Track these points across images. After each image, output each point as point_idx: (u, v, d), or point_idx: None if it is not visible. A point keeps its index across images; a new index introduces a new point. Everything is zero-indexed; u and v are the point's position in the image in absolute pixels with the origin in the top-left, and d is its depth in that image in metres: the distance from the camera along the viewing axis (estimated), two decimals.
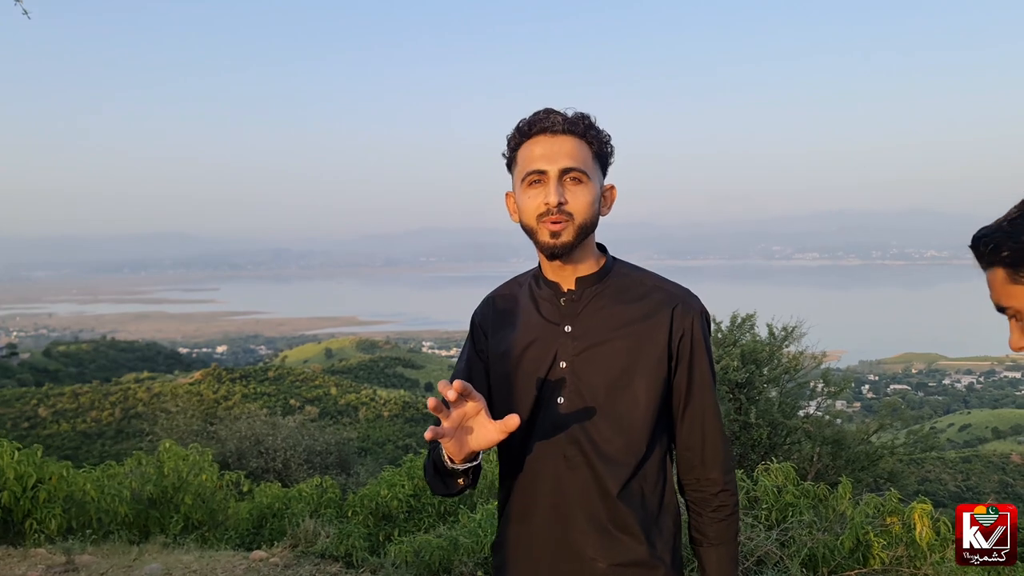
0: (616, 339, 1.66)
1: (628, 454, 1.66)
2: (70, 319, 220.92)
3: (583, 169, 1.64)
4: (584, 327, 1.69)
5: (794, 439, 10.49)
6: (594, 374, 1.66)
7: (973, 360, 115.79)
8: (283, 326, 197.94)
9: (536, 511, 1.70)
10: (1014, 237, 1.23)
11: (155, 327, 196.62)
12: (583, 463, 1.65)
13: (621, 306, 1.69)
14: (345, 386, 65.22)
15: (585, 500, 1.65)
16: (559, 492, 1.67)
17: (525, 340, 1.74)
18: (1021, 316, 1.35)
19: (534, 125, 1.66)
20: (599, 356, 1.66)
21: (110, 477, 6.97)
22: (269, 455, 14.10)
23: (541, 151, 1.64)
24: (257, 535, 7.26)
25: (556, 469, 1.67)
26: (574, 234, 1.64)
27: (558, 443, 1.67)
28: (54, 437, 49.76)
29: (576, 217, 1.63)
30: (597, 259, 1.74)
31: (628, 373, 1.65)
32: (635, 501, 1.66)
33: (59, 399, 56.64)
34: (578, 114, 1.67)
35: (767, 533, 4.24)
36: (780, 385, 10.95)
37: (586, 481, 1.65)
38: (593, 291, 1.71)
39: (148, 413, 50.91)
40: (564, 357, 1.68)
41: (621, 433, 1.65)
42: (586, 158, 1.65)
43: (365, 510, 6.73)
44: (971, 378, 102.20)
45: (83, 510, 6.18)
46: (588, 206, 1.64)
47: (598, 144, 1.67)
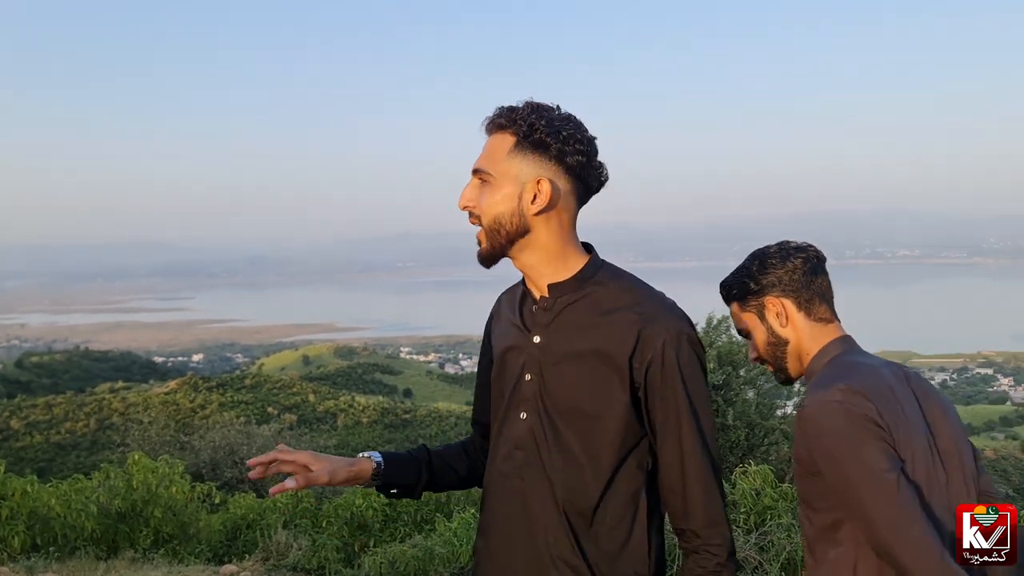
0: (579, 358, 1.53)
1: (584, 483, 1.52)
2: (43, 329, 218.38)
3: (484, 168, 1.53)
4: (551, 339, 1.56)
5: (772, 440, 10.49)
6: (556, 391, 1.54)
7: (946, 357, 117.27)
8: (260, 333, 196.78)
9: (494, 527, 1.63)
10: (737, 277, 1.85)
11: (130, 336, 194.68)
12: (536, 485, 1.55)
13: (593, 319, 1.54)
14: (323, 393, 64.94)
15: (534, 525, 1.55)
16: (511, 512, 1.59)
17: (504, 344, 1.66)
18: (752, 335, 1.84)
19: (483, 127, 1.59)
20: (562, 374, 1.54)
21: (77, 491, 6.84)
22: (243, 465, 13.93)
23: None
24: (230, 548, 7.14)
25: (513, 486, 1.59)
26: (485, 238, 1.55)
27: (515, 460, 1.59)
28: (27, 449, 49.17)
29: (483, 219, 1.54)
30: (577, 262, 1.58)
31: (589, 396, 1.52)
32: (588, 535, 1.52)
33: (32, 411, 55.97)
34: (509, 106, 1.53)
35: (746, 537, 4.20)
36: (757, 386, 10.96)
37: (537, 505, 1.55)
38: (567, 300, 1.56)
39: (122, 424, 50.45)
40: (530, 369, 1.58)
41: (579, 459, 1.52)
42: (496, 153, 1.52)
43: (340, 520, 6.65)
44: (944, 375, 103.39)
45: (48, 526, 6.05)
46: (490, 206, 1.53)
47: (526, 128, 1.49)
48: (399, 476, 1.72)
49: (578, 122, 1.54)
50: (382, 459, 1.71)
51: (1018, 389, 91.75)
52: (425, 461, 1.78)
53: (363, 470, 1.67)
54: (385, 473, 1.70)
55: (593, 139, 1.56)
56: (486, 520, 1.67)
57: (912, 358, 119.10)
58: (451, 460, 1.83)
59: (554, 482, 1.53)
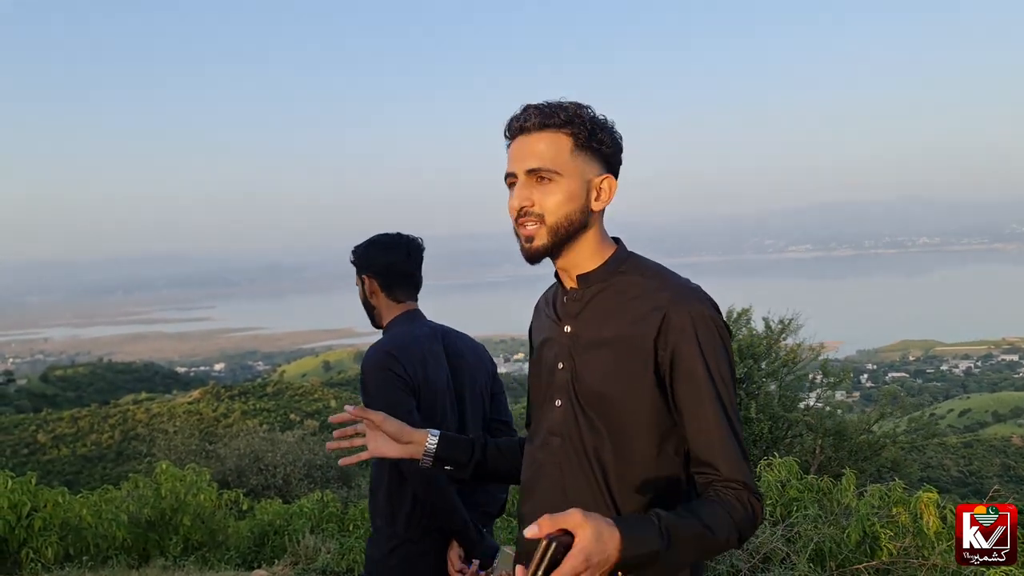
0: (608, 343, 1.58)
1: (625, 463, 1.56)
2: (66, 343, 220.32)
3: (549, 167, 1.55)
4: (581, 328, 1.62)
5: (795, 432, 10.46)
6: (589, 377, 1.59)
7: (970, 345, 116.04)
8: (280, 341, 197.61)
9: (530, 515, 1.63)
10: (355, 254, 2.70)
11: (152, 347, 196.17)
12: (575, 470, 1.59)
13: (621, 307, 1.59)
14: (344, 398, 65.06)
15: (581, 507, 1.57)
16: (555, 499, 1.61)
17: (541, 338, 1.74)
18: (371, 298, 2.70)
19: (511, 126, 1.61)
20: (593, 360, 1.59)
21: (107, 501, 6.92)
22: (269, 471, 14.04)
23: (514, 153, 1.60)
24: (258, 553, 7.19)
25: (553, 474, 1.63)
26: (548, 236, 1.57)
27: (554, 448, 1.63)
28: (54, 463, 49.60)
29: (548, 217, 1.56)
30: (604, 254, 1.64)
31: (621, 379, 1.56)
32: (632, 507, 1.56)
33: (58, 424, 56.45)
34: (556, 105, 1.57)
35: (772, 529, 4.20)
36: (779, 378, 10.92)
37: (582, 489, 1.58)
38: (596, 289, 1.63)
39: (147, 434, 50.84)
40: (562, 358, 1.64)
41: (617, 441, 1.57)
42: (558, 153, 1.56)
43: (367, 523, 6.67)
44: (969, 363, 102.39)
45: (80, 536, 6.12)
46: (559, 205, 1.55)
47: (585, 133, 1.56)
48: (451, 451, 1.82)
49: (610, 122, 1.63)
50: (439, 433, 1.82)
51: None
52: (481, 444, 1.89)
53: (418, 439, 1.80)
54: (439, 446, 1.80)
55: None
56: (524, 508, 1.70)
57: (936, 346, 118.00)
58: (507, 450, 1.91)
59: (592, 466, 1.57)
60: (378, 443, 1.78)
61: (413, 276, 2.68)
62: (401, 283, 2.65)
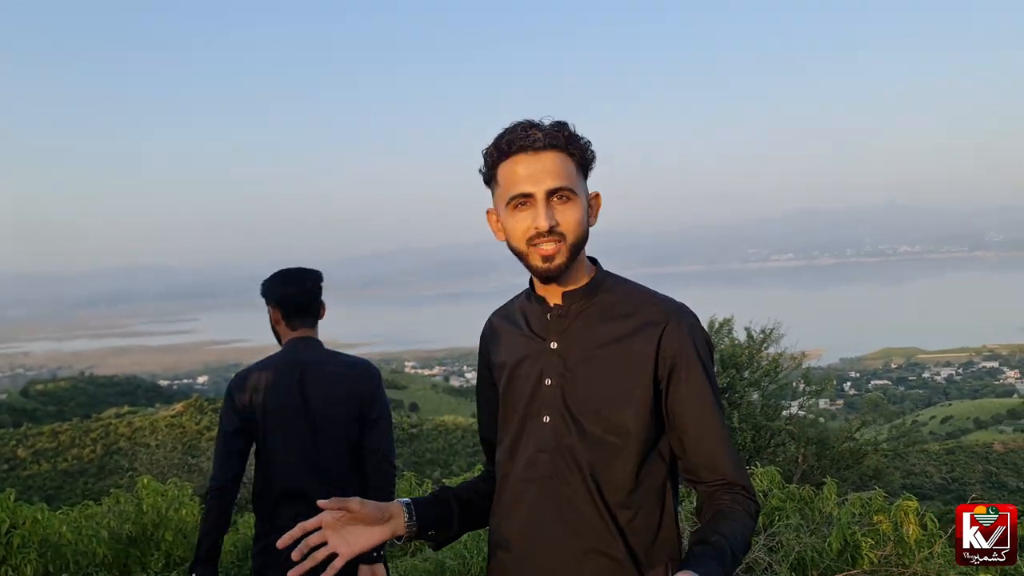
0: (602, 357, 1.59)
1: (616, 477, 1.57)
2: (46, 357, 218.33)
3: (570, 187, 1.56)
4: (569, 343, 1.62)
5: (778, 441, 10.49)
6: (580, 392, 1.59)
7: (951, 352, 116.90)
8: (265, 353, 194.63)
9: (521, 536, 1.64)
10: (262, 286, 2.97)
11: (134, 361, 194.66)
12: (567, 485, 1.58)
13: (609, 322, 1.61)
14: None
15: (572, 522, 1.58)
16: (543, 514, 1.60)
17: (516, 356, 1.70)
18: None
19: (513, 143, 1.56)
20: (584, 374, 1.59)
21: (87, 517, 6.83)
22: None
23: (525, 171, 1.55)
24: (241, 568, 7.13)
25: (543, 489, 1.61)
26: (567, 255, 1.57)
27: (541, 463, 1.62)
28: (35, 478, 49.04)
29: (568, 236, 1.56)
30: (587, 272, 1.67)
31: (615, 392, 1.58)
32: (624, 528, 1.57)
33: (38, 439, 55.81)
34: (556, 125, 1.57)
35: (754, 539, 4.21)
36: (761, 388, 10.96)
37: (571, 504, 1.58)
38: (580, 306, 1.63)
39: (129, 448, 50.34)
40: (549, 374, 1.62)
41: (608, 454, 1.57)
42: (570, 172, 1.57)
43: None
44: (950, 370, 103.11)
45: (59, 553, 6.03)
46: (579, 224, 1.57)
47: (580, 154, 1.59)
48: (430, 514, 1.69)
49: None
50: (408, 502, 1.67)
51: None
52: (452, 496, 1.78)
53: (396, 511, 1.63)
54: (418, 516, 1.65)
55: None
56: (507, 531, 1.67)
57: (917, 354, 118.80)
58: (477, 489, 1.84)
59: (587, 479, 1.57)
60: (350, 541, 1.55)
61: (309, 307, 2.95)
62: (297, 313, 2.93)
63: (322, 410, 2.79)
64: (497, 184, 1.62)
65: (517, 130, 1.57)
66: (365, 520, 1.57)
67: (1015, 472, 41.18)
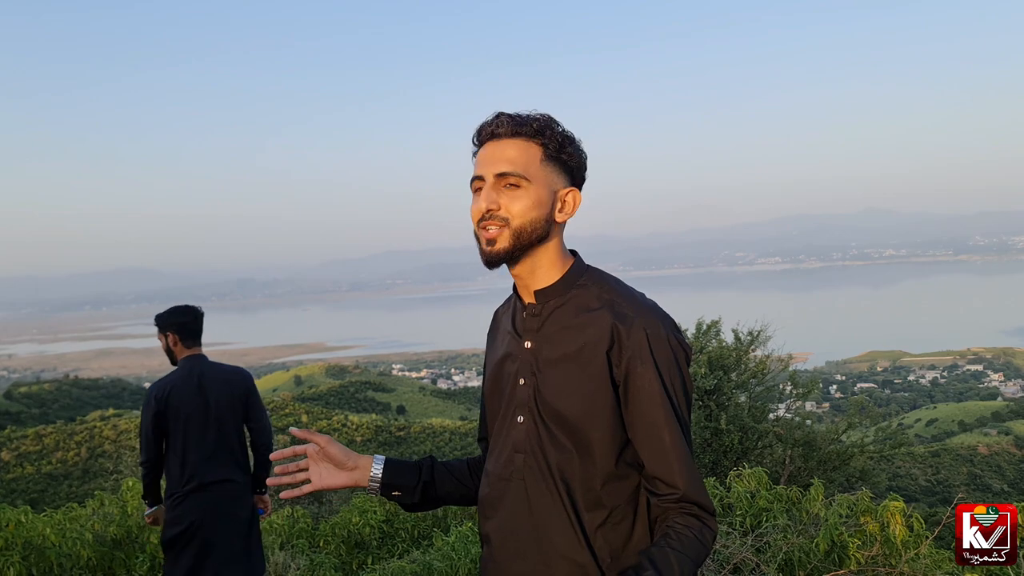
0: (567, 359, 1.57)
1: (582, 481, 1.56)
2: (30, 359, 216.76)
3: (519, 173, 1.55)
4: (541, 344, 1.61)
5: (765, 443, 10.50)
6: (549, 394, 1.58)
7: (936, 355, 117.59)
8: (250, 356, 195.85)
9: (497, 532, 1.65)
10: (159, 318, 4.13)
11: (119, 364, 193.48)
12: (539, 486, 1.58)
13: (575, 322, 1.59)
14: (316, 413, 64.59)
15: (540, 526, 1.58)
16: (515, 514, 1.61)
17: (499, 354, 1.70)
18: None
19: (483, 131, 1.60)
20: (553, 376, 1.58)
21: (72, 520, 6.77)
22: None
23: (484, 157, 1.58)
24: None
25: (518, 491, 1.61)
26: (510, 239, 1.55)
27: (516, 463, 1.62)
28: (19, 481, 48.67)
29: (512, 221, 1.54)
30: (562, 268, 1.64)
31: (581, 395, 1.55)
32: (594, 532, 1.56)
33: (22, 442, 55.43)
34: (528, 115, 1.58)
35: (742, 539, 4.21)
36: (749, 390, 10.98)
37: (541, 506, 1.58)
38: (554, 304, 1.62)
39: (115, 451, 50.02)
40: (523, 374, 1.62)
41: (574, 458, 1.56)
42: (530, 161, 1.56)
43: (337, 539, 6.61)
44: (935, 373, 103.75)
45: (43, 556, 5.97)
46: (525, 210, 1.55)
47: (554, 145, 1.57)
48: (396, 477, 1.78)
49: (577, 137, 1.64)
50: (383, 459, 1.80)
51: (1009, 384, 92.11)
52: (427, 466, 1.84)
53: (363, 464, 1.77)
54: (384, 472, 1.77)
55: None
56: (488, 527, 1.69)
57: (903, 357, 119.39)
58: (455, 470, 1.87)
59: (556, 482, 1.56)
60: (322, 475, 1.74)
61: (198, 331, 4.09)
62: (191, 336, 4.06)
63: (218, 407, 3.95)
64: None
65: (488, 119, 1.60)
66: (333, 460, 1.74)
67: (999, 474, 41.48)
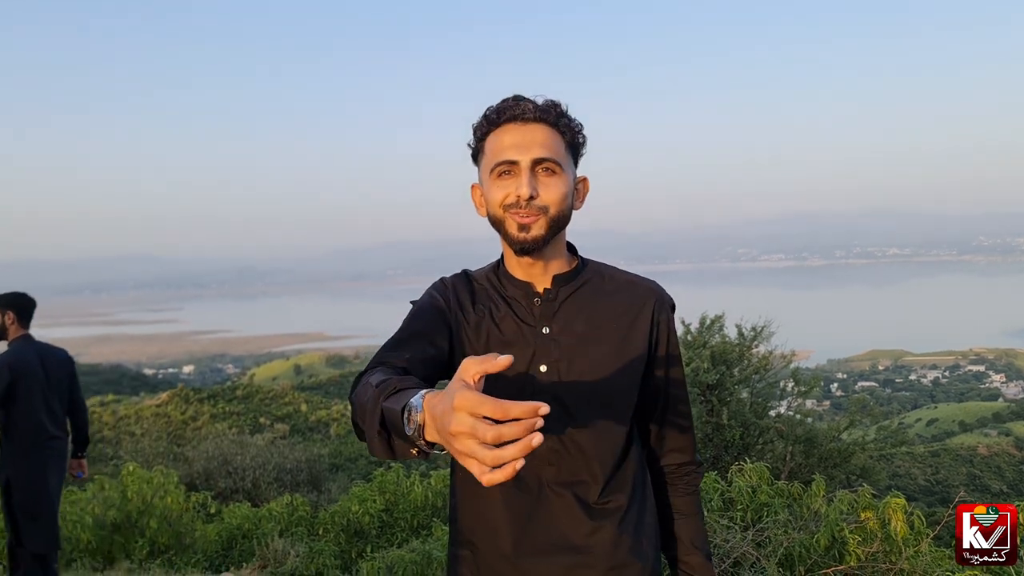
0: (599, 338, 1.59)
1: (617, 454, 1.61)
2: None
3: (556, 159, 1.53)
4: (563, 328, 1.59)
5: (767, 439, 10.49)
6: (578, 376, 1.57)
7: (938, 355, 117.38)
8: (250, 344, 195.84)
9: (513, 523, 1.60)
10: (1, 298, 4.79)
11: (118, 349, 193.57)
12: (569, 468, 1.58)
13: (601, 304, 1.62)
14: (315, 402, 64.46)
15: (575, 505, 1.57)
16: (539, 500, 1.58)
17: (501, 342, 1.62)
18: None
19: (503, 112, 1.55)
20: (582, 357, 1.58)
21: (72, 503, 6.81)
22: (238, 475, 13.86)
23: (512, 140, 1.53)
24: (226, 556, 7.10)
25: (540, 476, 1.58)
26: (546, 228, 1.54)
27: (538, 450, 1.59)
28: None
29: (550, 210, 1.54)
30: (570, 257, 1.66)
31: (614, 372, 1.58)
32: (623, 500, 1.60)
33: None
34: (549, 102, 1.56)
35: (743, 534, 4.21)
36: (751, 385, 10.96)
37: (574, 486, 1.58)
38: (569, 289, 1.62)
39: (114, 437, 50.05)
40: (544, 360, 1.58)
41: (609, 434, 1.60)
42: (559, 148, 1.55)
43: (336, 527, 6.62)
44: (936, 373, 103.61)
45: None
46: (562, 199, 1.55)
47: (570, 134, 1.58)
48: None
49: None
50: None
51: (1010, 386, 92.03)
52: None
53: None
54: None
55: None
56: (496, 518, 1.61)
57: (904, 356, 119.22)
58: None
59: (586, 461, 1.58)
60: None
61: (31, 316, 4.79)
62: (27, 318, 4.76)
63: (54, 379, 4.74)
64: (484, 155, 1.59)
65: (508, 101, 1.56)
66: None
67: (998, 475, 41.49)
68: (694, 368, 10.03)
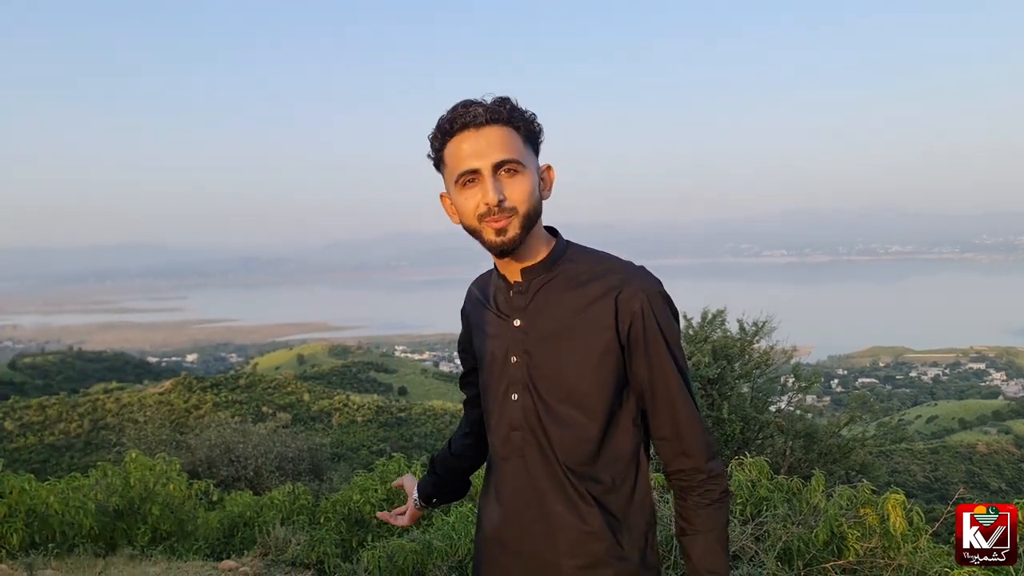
0: (563, 331, 1.59)
1: (587, 450, 1.59)
2: (35, 331, 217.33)
3: (516, 159, 1.54)
4: (531, 320, 1.62)
5: (767, 433, 10.52)
6: (543, 368, 1.60)
7: (938, 352, 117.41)
8: (254, 333, 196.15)
9: (500, 511, 1.68)
10: None
11: (123, 337, 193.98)
12: (540, 461, 1.61)
13: (568, 295, 1.60)
14: (318, 392, 64.73)
15: (542, 499, 1.61)
16: (518, 491, 1.64)
17: (485, 334, 1.72)
18: None
19: (455, 121, 1.54)
20: (547, 349, 1.60)
21: (75, 489, 6.82)
22: (240, 463, 13.91)
23: (469, 148, 1.54)
24: (227, 544, 7.13)
25: (516, 467, 1.64)
26: (520, 227, 1.55)
27: (514, 441, 1.64)
28: (21, 451, 48.93)
29: (520, 208, 1.55)
30: (546, 245, 1.65)
31: (578, 365, 1.57)
32: (598, 498, 1.59)
33: (25, 412, 55.67)
34: (498, 100, 1.56)
35: (742, 528, 4.22)
36: (751, 380, 10.98)
37: (545, 480, 1.60)
38: (540, 281, 1.63)
39: (117, 424, 50.27)
40: (514, 352, 1.63)
41: (577, 428, 1.58)
42: (516, 145, 1.56)
43: (337, 516, 6.63)
44: (937, 370, 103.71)
45: (46, 524, 6.03)
46: (530, 195, 1.56)
47: (526, 127, 1.57)
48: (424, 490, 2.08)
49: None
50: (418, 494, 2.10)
51: (1010, 384, 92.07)
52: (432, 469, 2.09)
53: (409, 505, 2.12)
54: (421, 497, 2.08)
55: None
56: (486, 508, 1.73)
57: (905, 353, 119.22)
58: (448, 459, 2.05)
59: (555, 455, 1.59)
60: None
61: None
62: None
63: None
64: (445, 165, 1.60)
65: (458, 108, 1.56)
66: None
67: (997, 473, 41.52)
68: (695, 362, 10.06)
